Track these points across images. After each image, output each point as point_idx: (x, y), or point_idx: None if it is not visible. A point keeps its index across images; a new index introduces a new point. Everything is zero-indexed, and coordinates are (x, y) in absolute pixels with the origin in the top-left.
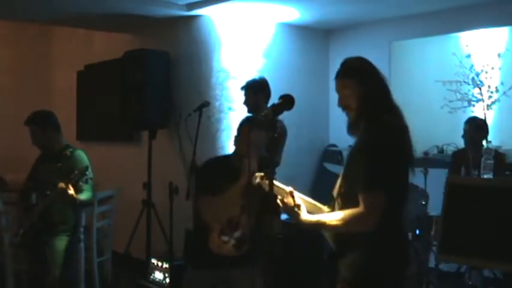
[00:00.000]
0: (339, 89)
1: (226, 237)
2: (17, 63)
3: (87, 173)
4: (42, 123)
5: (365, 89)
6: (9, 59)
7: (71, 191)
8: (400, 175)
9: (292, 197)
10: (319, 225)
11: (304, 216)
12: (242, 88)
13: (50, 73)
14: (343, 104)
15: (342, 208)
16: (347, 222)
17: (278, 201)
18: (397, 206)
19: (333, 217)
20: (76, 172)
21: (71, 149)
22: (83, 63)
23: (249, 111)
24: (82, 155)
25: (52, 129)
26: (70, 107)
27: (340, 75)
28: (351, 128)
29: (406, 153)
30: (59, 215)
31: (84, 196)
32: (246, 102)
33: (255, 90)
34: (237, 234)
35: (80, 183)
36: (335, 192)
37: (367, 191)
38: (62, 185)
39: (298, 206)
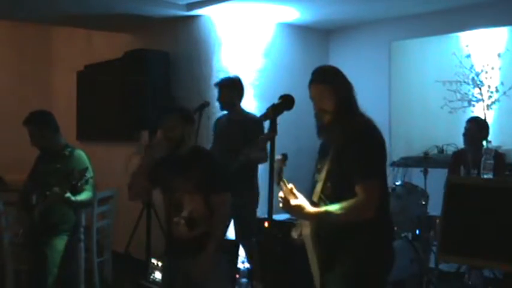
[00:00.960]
0: (315, 94)
1: (176, 218)
2: (17, 63)
3: (86, 174)
4: (39, 123)
5: (341, 93)
6: (9, 59)
7: (67, 194)
8: (385, 168)
9: (293, 194)
10: (324, 216)
11: (308, 209)
12: (216, 85)
13: (50, 73)
14: (319, 108)
15: None
16: (350, 210)
17: (279, 198)
18: (386, 196)
19: (336, 207)
20: (75, 174)
21: (69, 149)
22: (83, 63)
23: (222, 108)
24: (81, 155)
25: (50, 129)
26: (70, 107)
27: (315, 82)
28: (326, 130)
29: (385, 150)
30: (59, 215)
31: (83, 197)
32: (219, 99)
33: (228, 87)
34: (184, 213)
35: (79, 184)
36: (315, 197)
37: (367, 180)
38: (56, 189)
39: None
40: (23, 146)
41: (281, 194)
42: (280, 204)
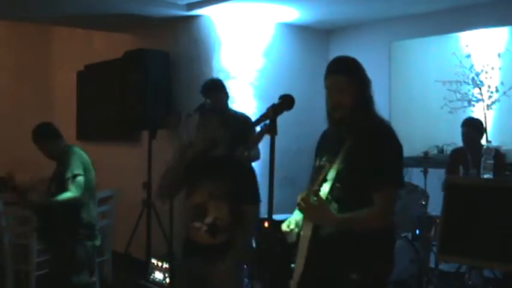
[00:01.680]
0: (334, 86)
1: (198, 224)
2: (17, 64)
3: (68, 172)
4: (40, 138)
5: (361, 88)
6: (9, 59)
7: (34, 197)
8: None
9: (318, 196)
10: (345, 223)
11: (329, 211)
12: (210, 90)
13: (50, 73)
14: (336, 101)
15: (338, 212)
16: (370, 219)
17: (299, 201)
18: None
19: (356, 215)
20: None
21: (66, 149)
22: (83, 63)
23: (218, 113)
24: (68, 153)
25: (50, 139)
26: (70, 107)
27: (336, 72)
28: (339, 126)
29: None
30: (64, 216)
31: (64, 196)
32: (215, 103)
33: (223, 91)
34: (208, 220)
35: (68, 183)
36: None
37: (388, 188)
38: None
39: (324, 204)
40: (23, 146)
41: (301, 195)
42: (300, 202)
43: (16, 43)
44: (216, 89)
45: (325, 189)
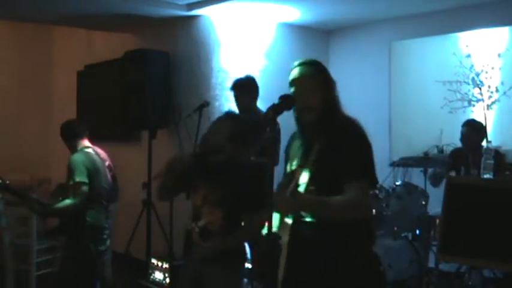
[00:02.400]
0: (301, 88)
1: (194, 224)
2: (17, 64)
3: (71, 178)
4: (61, 136)
5: (328, 89)
6: (10, 59)
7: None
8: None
9: (292, 189)
10: (320, 205)
11: (305, 194)
12: (231, 88)
13: (50, 73)
14: (303, 105)
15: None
16: (348, 205)
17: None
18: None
19: (333, 200)
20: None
21: (76, 152)
22: (83, 63)
23: (239, 112)
24: (73, 159)
25: (66, 139)
26: (70, 107)
27: (302, 75)
28: (309, 129)
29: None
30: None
31: (63, 204)
32: (237, 103)
33: (244, 90)
34: (201, 223)
35: (69, 190)
36: None
37: (362, 180)
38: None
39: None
40: (23, 146)
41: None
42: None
43: (16, 43)
44: (237, 88)
45: None
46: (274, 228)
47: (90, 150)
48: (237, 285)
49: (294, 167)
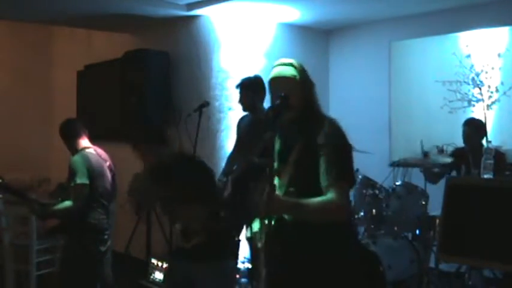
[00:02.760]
0: (280, 88)
1: (175, 226)
2: (17, 64)
3: (72, 180)
4: (60, 135)
5: (308, 89)
6: (9, 59)
7: (34, 204)
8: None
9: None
10: (297, 208)
11: (281, 197)
12: (237, 86)
13: (50, 73)
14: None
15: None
16: (325, 207)
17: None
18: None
19: (311, 202)
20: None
21: (76, 153)
22: (83, 63)
23: (244, 110)
24: (74, 160)
25: (65, 138)
26: (70, 107)
27: (282, 75)
28: (287, 129)
29: None
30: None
31: (62, 205)
32: (241, 101)
33: (249, 88)
34: (178, 226)
35: (70, 191)
36: None
37: (342, 181)
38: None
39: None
40: (23, 146)
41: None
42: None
43: (16, 43)
44: (242, 87)
45: None
46: (255, 229)
47: (91, 150)
48: (229, 281)
49: (274, 169)
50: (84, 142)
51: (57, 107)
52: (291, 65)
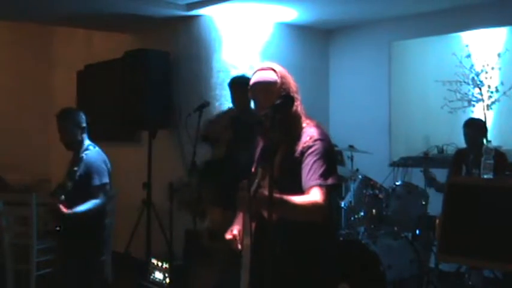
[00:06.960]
0: (263, 93)
1: (201, 226)
2: (17, 64)
3: (96, 179)
4: (61, 116)
5: (291, 93)
6: (9, 59)
7: (64, 210)
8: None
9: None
10: (281, 204)
11: (264, 194)
12: (228, 84)
13: (50, 73)
14: (265, 107)
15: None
16: (307, 207)
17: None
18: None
19: (293, 200)
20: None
21: (87, 152)
22: (83, 63)
23: (235, 109)
24: (94, 159)
25: (70, 122)
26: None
27: (264, 80)
28: (275, 132)
29: None
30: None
31: (90, 205)
32: (232, 100)
33: (241, 87)
34: (206, 224)
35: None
36: None
37: (324, 183)
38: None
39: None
40: (23, 146)
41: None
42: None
43: (16, 43)
44: (234, 85)
45: None
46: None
47: (98, 148)
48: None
49: (258, 170)
50: (87, 138)
51: (57, 107)
52: (271, 69)
